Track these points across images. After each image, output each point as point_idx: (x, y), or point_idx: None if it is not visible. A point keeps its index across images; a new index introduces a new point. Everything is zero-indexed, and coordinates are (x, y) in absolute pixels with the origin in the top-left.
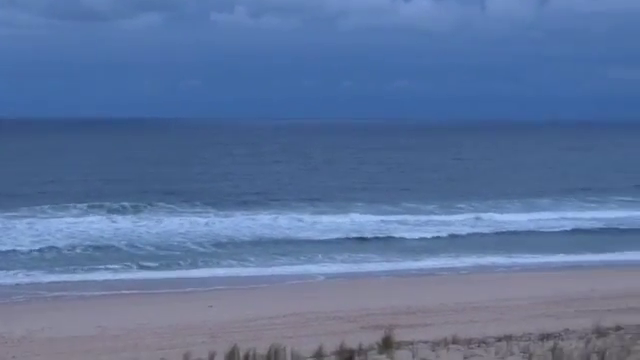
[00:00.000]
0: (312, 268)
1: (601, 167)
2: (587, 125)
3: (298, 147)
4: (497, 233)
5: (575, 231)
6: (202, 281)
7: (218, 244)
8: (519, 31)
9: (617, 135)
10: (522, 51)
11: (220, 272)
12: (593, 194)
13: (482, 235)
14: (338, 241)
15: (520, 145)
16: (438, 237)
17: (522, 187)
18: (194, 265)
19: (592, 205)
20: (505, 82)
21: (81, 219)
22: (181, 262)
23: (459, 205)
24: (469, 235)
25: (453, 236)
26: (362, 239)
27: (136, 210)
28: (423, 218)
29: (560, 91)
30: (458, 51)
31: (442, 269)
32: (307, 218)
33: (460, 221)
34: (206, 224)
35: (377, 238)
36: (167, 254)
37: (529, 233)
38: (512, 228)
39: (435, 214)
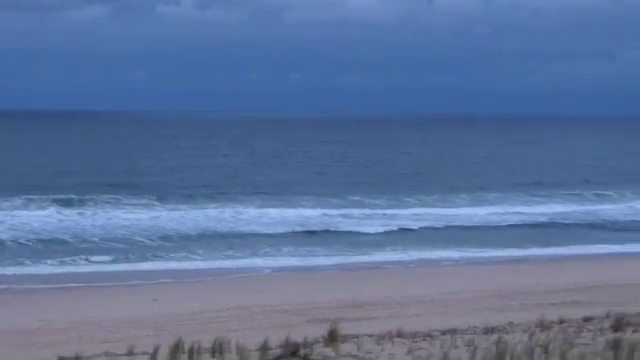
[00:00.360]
0: (258, 261)
1: (549, 161)
2: (534, 119)
3: (245, 140)
4: (444, 227)
5: (521, 225)
6: (148, 274)
7: (164, 237)
8: (466, 25)
9: (564, 129)
10: (469, 45)
11: (166, 265)
12: (541, 189)
13: (429, 229)
14: (285, 234)
15: (468, 139)
16: (385, 231)
17: (470, 181)
18: (140, 258)
19: (539, 199)
20: (452, 75)
21: (25, 212)
22: (127, 255)
23: (407, 199)
24: (416, 229)
25: (400, 230)
26: (309, 232)
27: (82, 203)
28: (371, 212)
29: (507, 85)
30: (406, 44)
31: (389, 263)
32: (254, 211)
33: (407, 215)
34: (152, 217)
35: (324, 231)
36: (113, 247)
37: (476, 227)
38: (459, 222)
39: (383, 208)
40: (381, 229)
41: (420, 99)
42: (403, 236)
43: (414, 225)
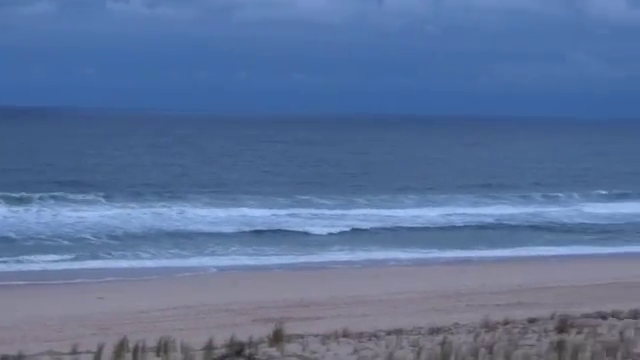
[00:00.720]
0: (204, 260)
1: (499, 163)
2: (484, 120)
3: (194, 139)
4: (392, 228)
5: (468, 227)
6: (94, 272)
7: (110, 235)
8: (416, 25)
9: (514, 131)
10: (419, 46)
11: (112, 264)
12: (490, 190)
13: (376, 229)
14: (232, 234)
15: (418, 140)
16: (333, 232)
17: (420, 182)
18: (86, 256)
19: (487, 201)
20: (402, 76)
21: None
22: (73, 253)
23: (355, 199)
24: (364, 229)
25: (348, 230)
26: (256, 232)
27: (28, 200)
28: (318, 212)
29: (457, 86)
30: (355, 45)
31: (336, 263)
32: (201, 210)
33: (356, 215)
34: (99, 215)
35: (272, 231)
36: (59, 245)
37: (423, 228)
38: (406, 223)
39: (331, 208)
40: (329, 229)
41: (370, 100)
42: (351, 236)
43: (362, 225)
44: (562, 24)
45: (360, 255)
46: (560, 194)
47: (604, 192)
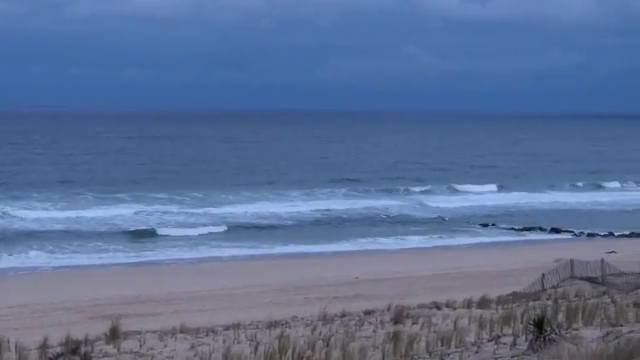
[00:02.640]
0: (40, 259)
1: (351, 157)
2: (324, 113)
3: (29, 135)
4: (228, 224)
5: (307, 221)
6: None
7: None
8: (250, 19)
9: (356, 124)
10: (253, 39)
11: None
12: (333, 186)
13: (214, 226)
14: (66, 232)
15: (256, 135)
16: (172, 231)
17: (258, 177)
18: None
19: (322, 195)
20: (237, 70)
21: None
22: None
23: (192, 193)
24: (203, 226)
25: (188, 226)
26: (96, 231)
27: None
28: (154, 209)
29: (292, 80)
30: (190, 39)
31: (175, 260)
32: (41, 207)
33: (199, 213)
34: None
35: (110, 228)
36: None
37: (262, 223)
38: (243, 219)
39: (164, 203)
40: (165, 227)
41: (207, 94)
42: (191, 233)
43: (202, 221)
44: (396, 18)
45: (200, 251)
46: (400, 187)
47: (445, 186)
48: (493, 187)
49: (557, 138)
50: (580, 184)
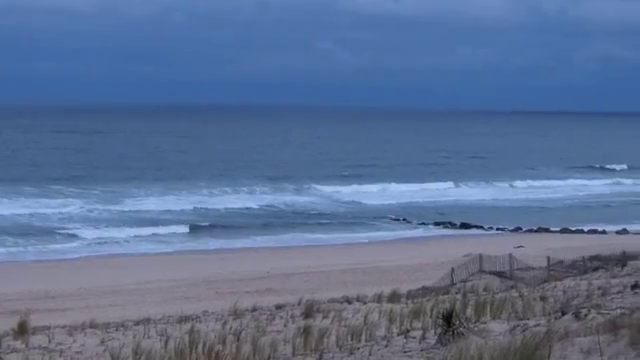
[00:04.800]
0: None
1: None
2: (237, 109)
3: None
4: (135, 219)
5: (214, 216)
6: None
7: None
8: (163, 13)
9: (272, 119)
10: (165, 33)
11: None
12: (243, 184)
13: (123, 221)
14: None
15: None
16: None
17: (172, 173)
18: None
19: (242, 189)
20: (148, 64)
21: None
22: None
23: (55, 186)
24: (111, 220)
25: (98, 221)
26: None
27: None
28: (67, 202)
29: (203, 75)
30: (103, 33)
31: (82, 255)
32: None
33: (109, 210)
34: None
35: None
36: None
37: (174, 219)
38: (156, 215)
39: (67, 196)
40: (73, 222)
41: (118, 88)
42: (98, 227)
43: (110, 217)
44: (310, 14)
45: (106, 248)
46: (312, 183)
47: (356, 183)
48: (411, 184)
49: (473, 134)
50: (484, 183)
